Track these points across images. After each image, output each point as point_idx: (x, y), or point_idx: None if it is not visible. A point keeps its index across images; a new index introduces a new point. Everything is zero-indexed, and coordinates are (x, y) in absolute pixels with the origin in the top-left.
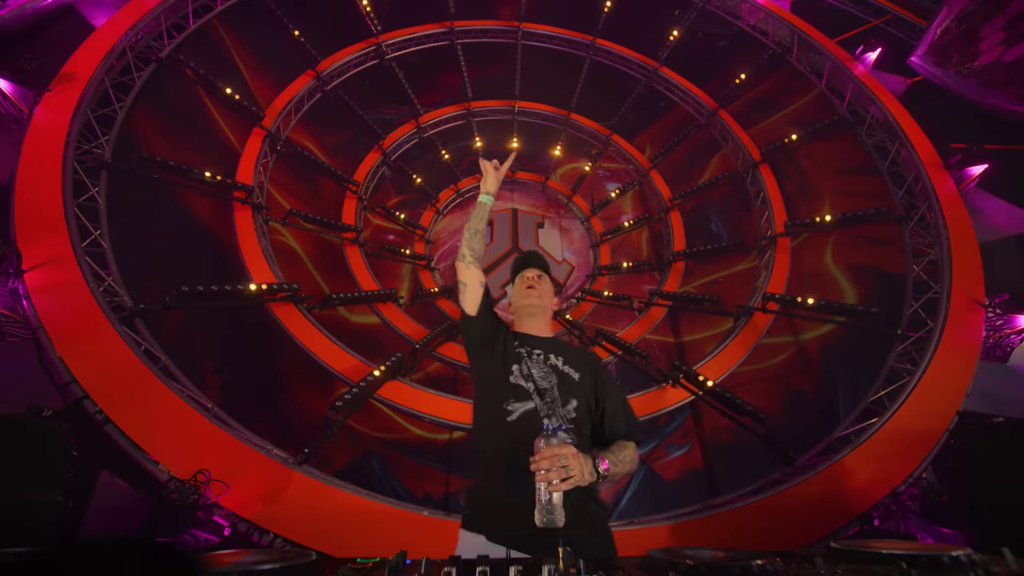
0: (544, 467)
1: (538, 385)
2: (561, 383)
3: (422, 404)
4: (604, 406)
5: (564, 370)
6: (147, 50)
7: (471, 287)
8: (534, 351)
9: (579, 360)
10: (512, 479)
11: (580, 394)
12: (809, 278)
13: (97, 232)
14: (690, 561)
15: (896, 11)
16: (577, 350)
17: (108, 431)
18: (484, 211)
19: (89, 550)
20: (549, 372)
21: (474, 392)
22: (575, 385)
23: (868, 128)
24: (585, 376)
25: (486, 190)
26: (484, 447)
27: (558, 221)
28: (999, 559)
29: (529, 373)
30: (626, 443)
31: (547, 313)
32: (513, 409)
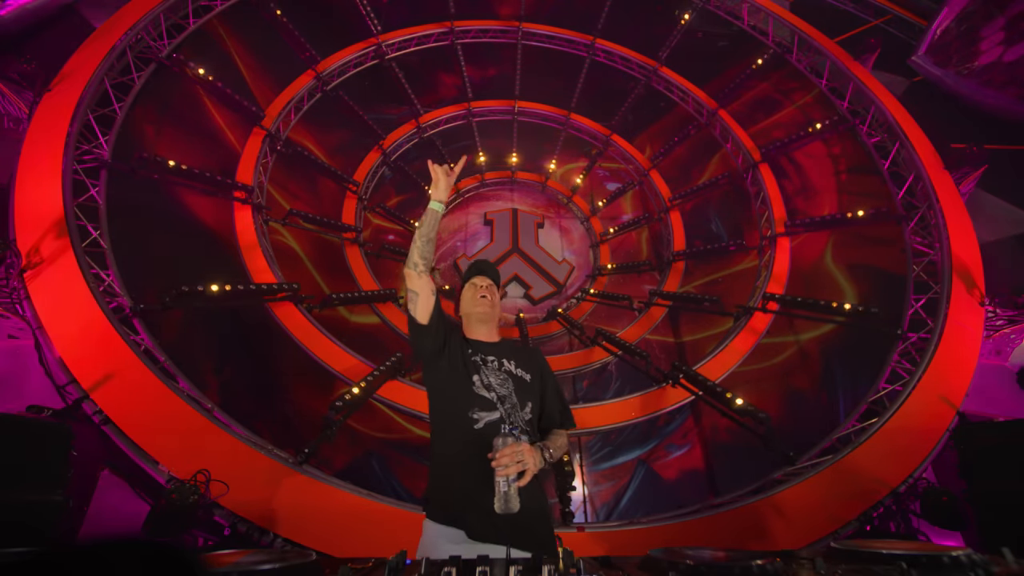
0: (504, 463)
1: (498, 393)
2: (518, 388)
3: (422, 404)
4: (544, 398)
5: (518, 374)
6: (147, 50)
7: (423, 296)
8: (488, 358)
9: (528, 361)
10: (478, 477)
11: (533, 395)
12: (809, 278)
13: (97, 232)
14: (690, 561)
15: (896, 11)
16: (524, 350)
17: (108, 431)
18: (435, 219)
19: (89, 550)
20: (506, 378)
21: (431, 396)
22: (528, 387)
23: (868, 128)
24: (535, 376)
25: (437, 197)
26: (448, 450)
27: (558, 221)
28: (999, 559)
29: (489, 383)
30: (560, 431)
31: (496, 320)
32: (479, 418)
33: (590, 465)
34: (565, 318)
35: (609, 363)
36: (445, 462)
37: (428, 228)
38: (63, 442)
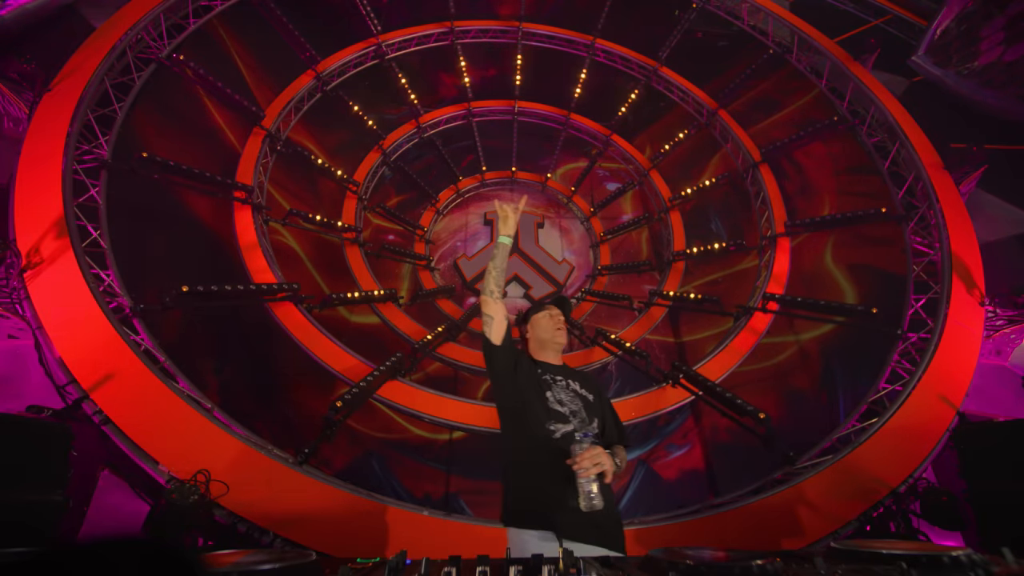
0: (585, 465)
1: (570, 408)
2: (585, 405)
3: (422, 404)
4: (604, 417)
5: (583, 394)
6: (147, 50)
7: (497, 320)
8: (556, 377)
9: (588, 383)
10: (562, 482)
11: (598, 413)
12: (809, 278)
13: (97, 232)
14: (690, 561)
15: (896, 11)
16: (582, 374)
17: (108, 431)
18: (506, 251)
19: (89, 550)
20: (574, 397)
21: (505, 409)
22: (592, 406)
23: (868, 128)
24: (596, 397)
25: (506, 232)
26: (530, 459)
27: (558, 221)
28: (999, 559)
29: (561, 398)
30: (621, 447)
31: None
32: (556, 429)
33: None
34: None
35: (609, 363)
36: (527, 472)
37: (501, 260)
38: (63, 442)
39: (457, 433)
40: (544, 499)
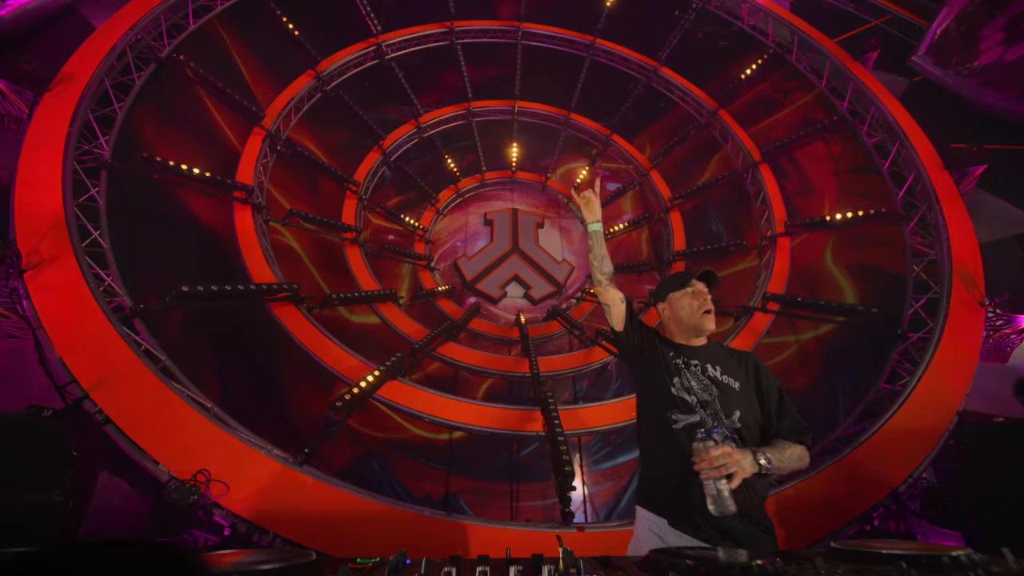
0: (704, 467)
1: (700, 398)
2: (722, 395)
3: (422, 404)
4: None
5: (723, 380)
6: (147, 50)
7: (614, 306)
8: (691, 362)
9: (738, 367)
10: (679, 475)
11: (743, 403)
12: (809, 278)
13: (97, 232)
14: (690, 561)
15: (896, 11)
16: (735, 356)
17: (108, 431)
18: (600, 238)
19: (89, 550)
20: (708, 384)
21: (638, 395)
22: (736, 395)
23: (868, 128)
24: (745, 384)
25: (593, 219)
26: (652, 446)
27: (558, 221)
28: (999, 559)
29: (689, 386)
30: (791, 443)
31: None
32: (678, 419)
33: (590, 465)
34: (565, 318)
35: (609, 363)
36: (651, 458)
37: (598, 248)
38: (63, 442)
39: (457, 433)
40: (664, 489)
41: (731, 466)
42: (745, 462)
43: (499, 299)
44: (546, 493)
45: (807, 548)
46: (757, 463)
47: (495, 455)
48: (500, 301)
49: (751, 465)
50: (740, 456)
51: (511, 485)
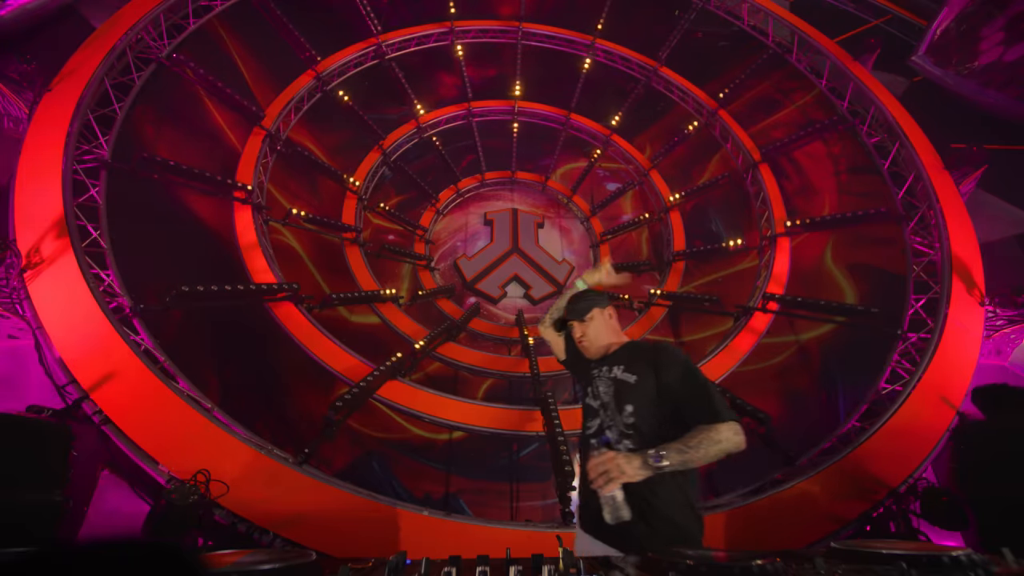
0: (592, 476)
1: (601, 401)
2: (617, 392)
3: (422, 404)
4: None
5: (621, 378)
6: (147, 50)
7: (554, 341)
8: (602, 368)
9: (640, 360)
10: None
11: (637, 396)
12: (809, 278)
13: (97, 232)
14: (690, 561)
15: (896, 11)
16: (643, 349)
17: (108, 431)
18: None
19: (89, 550)
20: (609, 385)
21: None
22: (631, 389)
23: (868, 128)
24: (644, 376)
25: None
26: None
27: (558, 221)
28: (999, 559)
29: (597, 391)
30: (705, 426)
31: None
32: (588, 426)
33: None
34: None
35: None
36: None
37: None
38: (63, 442)
39: (457, 433)
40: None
41: (612, 472)
42: (628, 466)
43: (499, 299)
44: (546, 493)
45: (807, 548)
46: (648, 464)
47: (495, 455)
48: (500, 301)
49: (636, 469)
50: (623, 460)
51: (511, 485)
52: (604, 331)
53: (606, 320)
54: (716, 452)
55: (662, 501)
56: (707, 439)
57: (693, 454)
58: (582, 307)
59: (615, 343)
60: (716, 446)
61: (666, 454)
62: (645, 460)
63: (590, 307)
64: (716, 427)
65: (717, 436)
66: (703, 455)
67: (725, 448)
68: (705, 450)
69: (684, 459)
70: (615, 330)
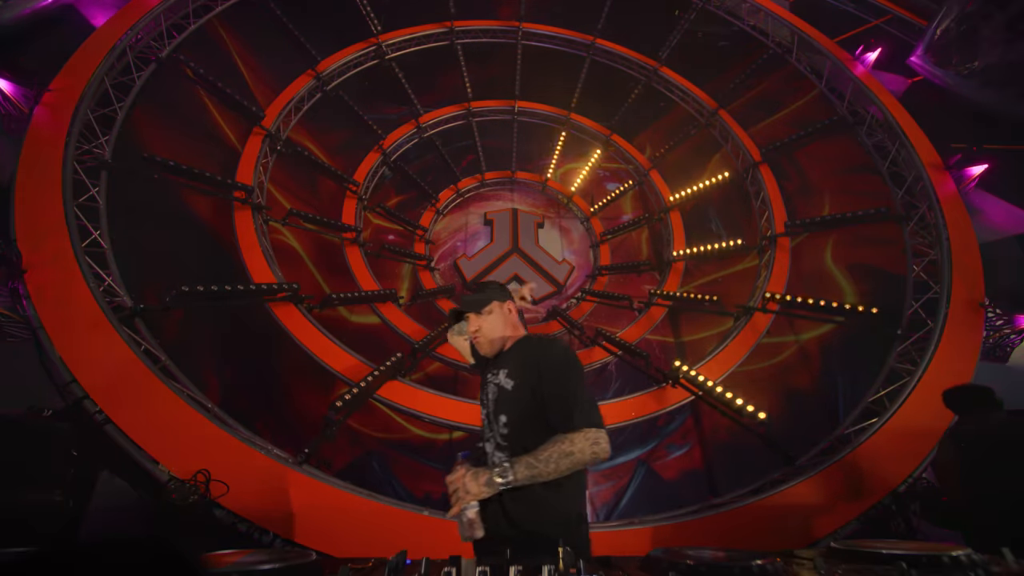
0: (449, 492)
1: (487, 409)
2: (496, 400)
3: (422, 404)
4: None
5: (503, 384)
6: (147, 50)
7: (463, 349)
8: (491, 372)
9: (521, 364)
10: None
11: (511, 404)
12: (809, 278)
13: (97, 232)
14: (690, 561)
15: (896, 11)
16: (530, 347)
17: (108, 431)
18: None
19: (89, 550)
20: (495, 391)
21: None
22: (507, 397)
23: (868, 128)
24: (521, 381)
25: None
26: None
27: (558, 221)
28: (999, 559)
29: (485, 399)
30: (561, 436)
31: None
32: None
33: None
34: (565, 318)
35: (609, 363)
36: None
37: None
38: (63, 442)
39: (457, 433)
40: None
41: (459, 492)
42: (473, 484)
43: None
44: None
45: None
46: (495, 482)
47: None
48: None
49: (480, 487)
50: (470, 478)
51: None
52: (501, 326)
53: (505, 315)
54: (569, 465)
55: (523, 516)
56: (557, 451)
57: (543, 468)
58: (480, 299)
59: (511, 338)
60: (567, 459)
61: (512, 470)
62: (492, 477)
63: (489, 299)
64: (569, 437)
65: (569, 447)
66: (554, 469)
67: (580, 460)
68: (556, 464)
69: (533, 474)
70: (513, 325)
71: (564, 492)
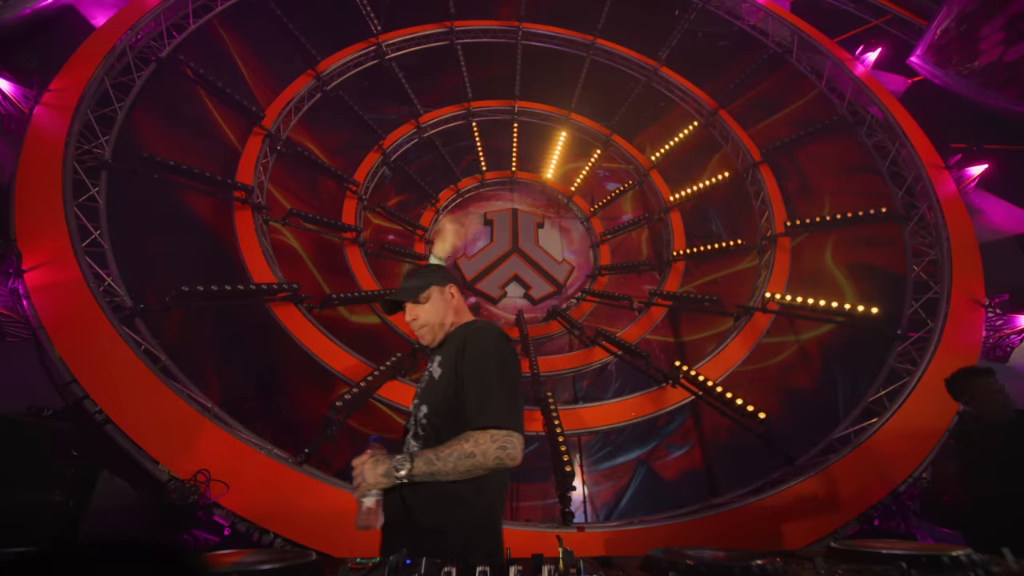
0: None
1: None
2: (424, 388)
3: None
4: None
5: (433, 372)
6: (147, 50)
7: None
8: (430, 360)
9: (451, 353)
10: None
11: (433, 394)
12: (809, 278)
13: (97, 232)
14: (690, 561)
15: (896, 11)
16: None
17: (108, 431)
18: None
19: (89, 550)
20: (426, 379)
21: None
22: (432, 386)
23: (868, 128)
24: (447, 370)
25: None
26: None
27: (558, 221)
28: (999, 559)
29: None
30: (467, 433)
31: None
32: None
33: (590, 465)
34: (565, 318)
35: (609, 363)
36: None
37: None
38: (63, 442)
39: None
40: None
41: (357, 477)
42: (371, 473)
43: (499, 299)
44: (546, 493)
45: (807, 548)
46: (392, 473)
47: None
48: (500, 301)
49: (378, 477)
50: (369, 466)
51: (511, 485)
52: (442, 311)
53: (447, 299)
54: (468, 467)
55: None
56: (458, 450)
57: (441, 466)
58: (416, 285)
59: (455, 323)
60: (467, 460)
61: (411, 464)
62: (389, 468)
63: (426, 285)
64: (474, 436)
65: (471, 448)
66: (452, 469)
67: (481, 463)
68: (455, 463)
69: (432, 471)
70: (456, 310)
71: (474, 490)
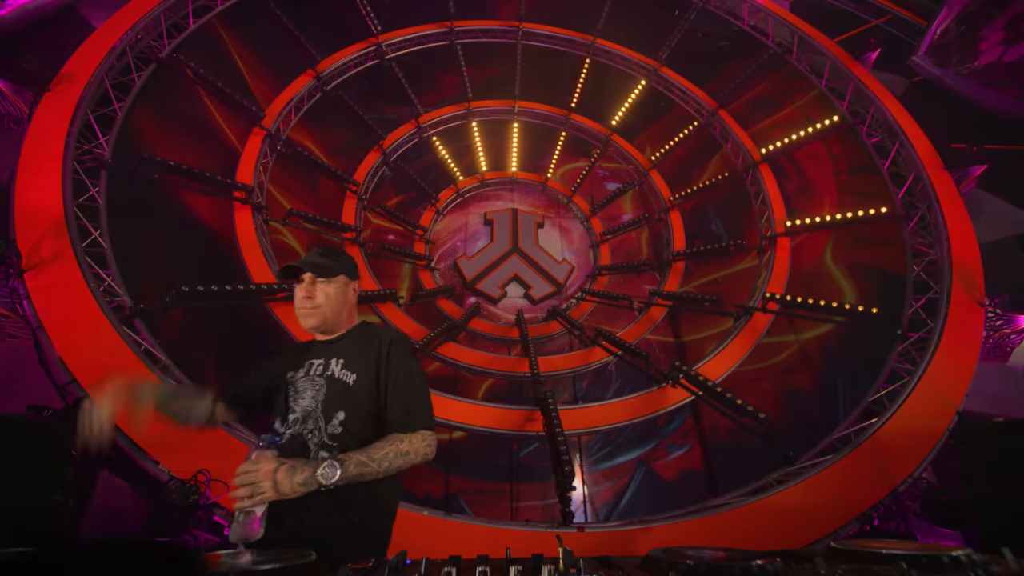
0: (235, 483)
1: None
2: (328, 395)
3: None
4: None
5: (339, 377)
6: (147, 50)
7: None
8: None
9: (363, 354)
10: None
11: (352, 401)
12: (809, 278)
13: (97, 232)
14: (690, 561)
15: (896, 11)
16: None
17: None
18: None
19: (89, 550)
20: (324, 384)
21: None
22: (347, 392)
23: (868, 128)
24: (365, 375)
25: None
26: None
27: (558, 221)
28: (999, 559)
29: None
30: (398, 435)
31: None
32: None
33: (590, 465)
34: (565, 318)
35: (609, 363)
36: None
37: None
38: (63, 442)
39: (457, 433)
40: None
41: (262, 487)
42: (286, 483)
43: (499, 299)
44: (546, 493)
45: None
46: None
47: (495, 455)
48: (500, 301)
49: (295, 486)
50: (283, 475)
51: (511, 485)
52: (341, 304)
53: (349, 295)
54: (400, 464)
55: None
56: (395, 451)
57: (374, 468)
58: (329, 264)
59: (347, 326)
60: (403, 458)
61: (341, 469)
62: (314, 474)
63: (339, 270)
64: (407, 437)
65: (406, 447)
66: (385, 468)
67: (412, 460)
68: (390, 463)
69: (362, 472)
70: (351, 310)
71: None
